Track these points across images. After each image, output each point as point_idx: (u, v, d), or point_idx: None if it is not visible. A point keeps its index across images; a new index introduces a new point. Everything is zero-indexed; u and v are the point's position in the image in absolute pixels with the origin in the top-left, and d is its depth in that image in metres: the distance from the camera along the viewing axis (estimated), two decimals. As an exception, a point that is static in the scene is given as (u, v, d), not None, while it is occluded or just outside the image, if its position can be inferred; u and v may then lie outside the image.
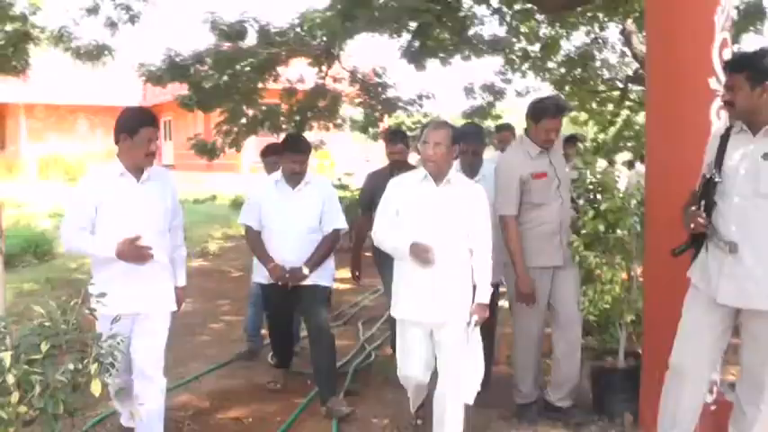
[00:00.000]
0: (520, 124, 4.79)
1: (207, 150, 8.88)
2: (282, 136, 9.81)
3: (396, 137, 5.13)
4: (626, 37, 8.99)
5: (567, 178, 4.16)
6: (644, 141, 4.53)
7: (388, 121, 11.23)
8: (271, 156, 5.23)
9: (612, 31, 10.43)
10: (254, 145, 10.74)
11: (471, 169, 4.32)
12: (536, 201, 3.93)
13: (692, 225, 2.93)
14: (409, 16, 8.23)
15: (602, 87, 10.86)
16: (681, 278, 3.54)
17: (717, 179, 2.92)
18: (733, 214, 2.89)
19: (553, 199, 3.96)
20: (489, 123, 10.50)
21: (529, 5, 9.34)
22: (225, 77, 8.26)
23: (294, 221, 4.28)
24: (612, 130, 11.31)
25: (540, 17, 9.81)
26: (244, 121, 9.17)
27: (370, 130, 10.51)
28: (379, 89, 10.16)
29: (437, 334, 3.55)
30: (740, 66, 2.91)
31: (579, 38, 10.61)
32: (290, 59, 9.12)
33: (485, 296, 3.51)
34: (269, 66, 8.82)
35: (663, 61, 3.72)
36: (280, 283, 4.27)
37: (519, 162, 3.97)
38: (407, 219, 3.53)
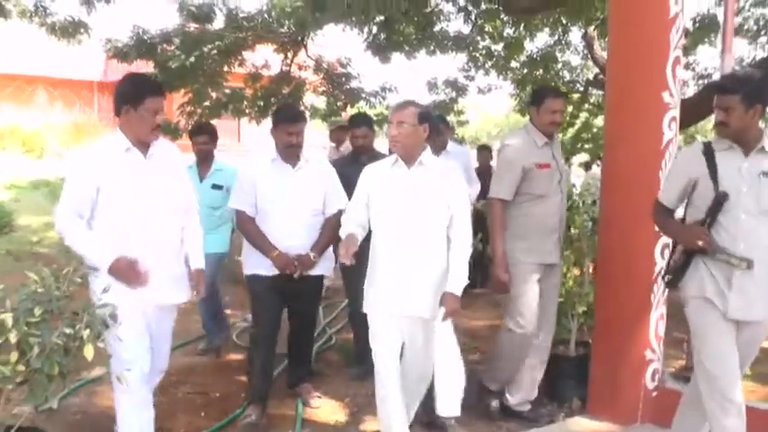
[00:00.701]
0: (481, 119, 4.92)
1: (170, 131, 8.85)
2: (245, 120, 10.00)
3: (359, 119, 4.91)
4: (587, 42, 9.31)
5: (568, 174, 4.12)
6: (602, 144, 4.72)
7: (350, 112, 11.36)
8: (202, 135, 5.11)
9: (575, 35, 10.81)
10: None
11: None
12: (537, 192, 3.86)
13: (700, 243, 2.94)
14: (377, 8, 8.37)
15: (562, 89, 11.16)
16: (630, 275, 3.85)
17: (728, 197, 2.92)
18: (741, 231, 2.92)
19: (554, 193, 3.92)
20: (452, 118, 10.76)
21: (494, 6, 9.62)
22: (192, 59, 8.25)
23: (298, 204, 3.89)
24: (571, 132, 11.62)
25: (504, 18, 10.10)
26: (207, 103, 9.17)
27: (332, 118, 10.62)
28: (343, 79, 10.29)
29: (408, 329, 3.35)
30: (734, 88, 2.94)
31: (543, 39, 10.96)
32: (257, 45, 9.18)
33: (457, 286, 3.21)
34: (235, 50, 8.85)
35: (622, 74, 4.00)
36: (288, 272, 3.86)
37: (525, 149, 3.88)
38: (378, 206, 3.32)
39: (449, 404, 3.25)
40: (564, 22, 9.54)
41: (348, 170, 4.21)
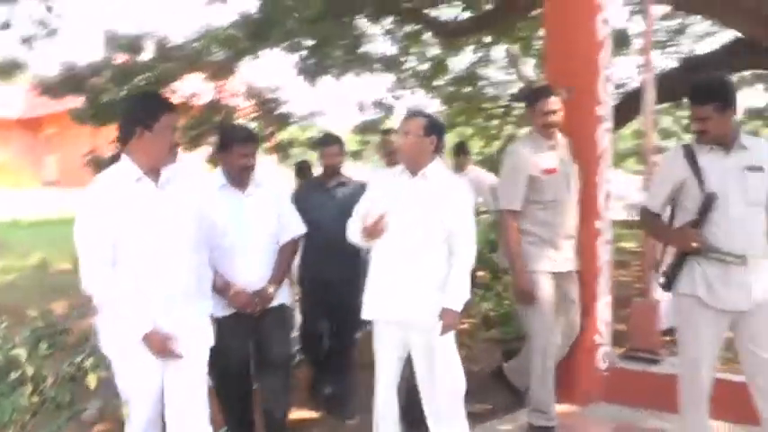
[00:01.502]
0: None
1: (104, 166, 8.75)
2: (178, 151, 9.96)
3: (330, 139, 4.69)
4: (512, 60, 9.80)
5: (576, 178, 3.98)
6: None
7: (279, 136, 11.49)
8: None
9: (498, 51, 11.27)
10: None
11: None
12: (548, 198, 3.79)
13: (694, 244, 3.04)
14: (308, 32, 8.57)
15: (487, 105, 11.64)
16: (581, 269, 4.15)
17: (716, 197, 3.02)
18: (733, 226, 3.03)
19: (566, 197, 3.85)
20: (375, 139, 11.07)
21: (418, 27, 10.03)
22: (123, 91, 8.24)
23: (254, 233, 3.54)
24: (497, 144, 12.09)
25: (429, 39, 10.52)
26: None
27: (263, 144, 10.72)
28: (273, 105, 10.45)
29: (411, 336, 3.33)
30: (707, 98, 3.05)
31: (467, 57, 11.43)
32: (186, 74, 9.22)
33: (455, 302, 3.21)
34: (166, 80, 8.88)
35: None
36: (248, 311, 3.47)
37: (527, 156, 3.81)
38: (379, 213, 3.27)
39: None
40: (487, 41, 10.02)
41: (313, 195, 4.37)
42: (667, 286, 3.23)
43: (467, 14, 9.29)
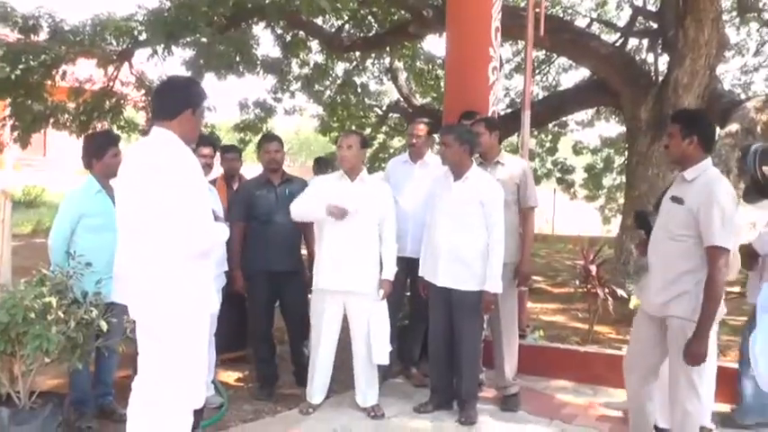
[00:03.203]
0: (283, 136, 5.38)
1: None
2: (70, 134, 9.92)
3: (273, 138, 4.94)
4: (392, 74, 10.72)
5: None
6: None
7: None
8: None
9: (371, 63, 12.25)
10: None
11: None
12: None
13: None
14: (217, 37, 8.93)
15: (362, 113, 12.52)
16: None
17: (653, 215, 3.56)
18: (651, 243, 3.49)
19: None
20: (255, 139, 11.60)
21: (303, 34, 10.69)
22: (17, 71, 8.24)
23: None
24: (369, 152, 13.02)
25: (312, 45, 11.22)
26: (29, 116, 9.10)
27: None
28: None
29: (349, 303, 4.25)
30: (675, 119, 3.46)
31: (343, 65, 12.26)
32: (79, 58, 9.27)
33: (389, 273, 4.24)
34: (58, 62, 8.91)
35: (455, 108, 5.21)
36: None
37: None
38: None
39: (380, 354, 4.20)
40: (370, 55, 10.89)
41: (259, 192, 4.70)
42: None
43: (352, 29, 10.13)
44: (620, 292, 6.05)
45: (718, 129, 6.59)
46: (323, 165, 7.35)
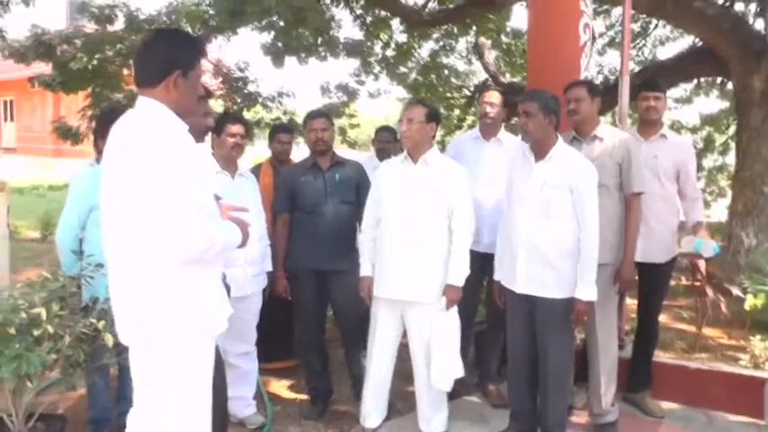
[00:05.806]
0: (370, 123, 5.14)
1: (71, 135, 8.69)
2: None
3: (319, 114, 4.31)
4: (478, 51, 10.04)
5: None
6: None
7: (246, 116, 11.53)
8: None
9: (461, 42, 11.53)
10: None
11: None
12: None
13: None
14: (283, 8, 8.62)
15: (449, 94, 11.86)
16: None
17: None
18: None
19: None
20: (343, 122, 11.23)
21: (386, 13, 10.20)
22: (94, 61, 8.20)
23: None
24: (458, 134, 12.40)
25: (396, 26, 10.70)
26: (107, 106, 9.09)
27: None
28: (241, 83, 10.47)
29: (408, 314, 3.55)
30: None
31: (429, 45, 11.61)
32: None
33: (457, 278, 3.45)
34: (135, 52, 8.82)
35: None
36: None
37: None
38: (385, 199, 3.58)
39: (440, 378, 3.50)
40: (455, 31, 10.24)
41: (299, 178, 4.09)
42: None
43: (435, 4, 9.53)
44: (735, 290, 5.22)
45: None
46: (385, 136, 5.51)
